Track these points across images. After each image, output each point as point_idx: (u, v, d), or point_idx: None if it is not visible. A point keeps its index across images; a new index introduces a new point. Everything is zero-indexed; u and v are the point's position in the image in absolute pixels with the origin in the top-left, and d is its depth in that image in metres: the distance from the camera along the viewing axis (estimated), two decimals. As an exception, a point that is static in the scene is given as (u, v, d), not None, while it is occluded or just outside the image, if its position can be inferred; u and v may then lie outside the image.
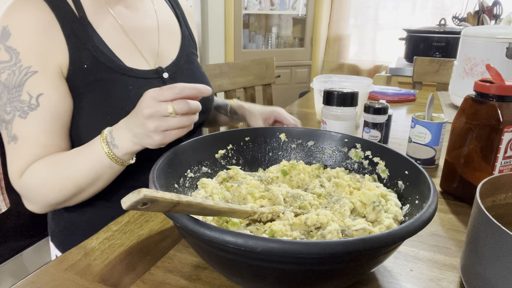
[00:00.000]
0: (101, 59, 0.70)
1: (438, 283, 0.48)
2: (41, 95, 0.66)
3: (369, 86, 1.13)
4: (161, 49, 0.82)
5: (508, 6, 2.33)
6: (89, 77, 0.70)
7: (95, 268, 0.50)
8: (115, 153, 0.62)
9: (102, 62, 0.70)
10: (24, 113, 0.65)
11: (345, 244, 0.35)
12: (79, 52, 0.69)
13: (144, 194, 0.33)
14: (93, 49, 0.70)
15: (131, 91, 0.72)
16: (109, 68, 0.71)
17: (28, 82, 0.65)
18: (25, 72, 0.65)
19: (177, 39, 0.87)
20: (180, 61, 0.84)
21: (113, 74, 0.71)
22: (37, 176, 0.66)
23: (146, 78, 0.76)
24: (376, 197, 0.52)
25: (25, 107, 0.65)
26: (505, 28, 1.20)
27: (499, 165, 0.64)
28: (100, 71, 0.70)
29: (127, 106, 0.70)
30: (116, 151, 0.62)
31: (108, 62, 0.71)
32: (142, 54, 0.78)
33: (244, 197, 0.54)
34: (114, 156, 0.62)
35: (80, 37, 0.69)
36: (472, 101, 0.66)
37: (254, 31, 3.45)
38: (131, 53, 0.76)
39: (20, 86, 0.65)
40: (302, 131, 0.67)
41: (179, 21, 0.89)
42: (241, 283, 0.45)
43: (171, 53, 0.84)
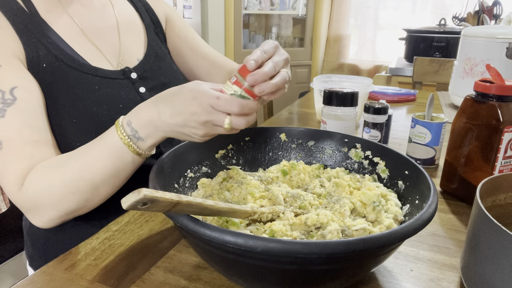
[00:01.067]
0: (60, 57, 0.65)
1: (438, 283, 0.48)
2: (16, 88, 0.59)
3: (369, 86, 1.13)
4: (123, 47, 0.76)
5: (508, 6, 2.33)
6: (48, 78, 0.64)
7: (95, 268, 0.50)
8: (140, 146, 0.55)
9: (61, 60, 0.65)
10: (0, 111, 0.57)
11: (345, 244, 0.35)
12: (36, 50, 0.63)
13: (144, 194, 0.33)
14: (50, 46, 0.64)
15: (96, 91, 0.67)
16: (70, 66, 0.65)
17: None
18: None
19: (141, 35, 0.80)
20: (149, 60, 0.78)
21: (76, 72, 0.66)
22: (41, 182, 0.57)
23: (112, 78, 0.70)
24: (376, 197, 0.52)
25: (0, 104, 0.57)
26: (505, 28, 1.20)
27: (499, 165, 0.64)
28: (60, 70, 0.64)
29: (94, 107, 0.66)
30: (141, 144, 0.55)
31: (69, 61, 0.66)
32: (103, 55, 0.72)
33: (244, 197, 0.54)
34: (139, 149, 0.55)
35: (35, 33, 0.64)
36: (472, 101, 0.66)
37: (254, 31, 3.45)
38: (92, 54, 0.70)
39: None
40: (302, 131, 0.67)
41: (140, 14, 0.83)
42: (241, 283, 0.45)
43: (136, 51, 0.78)
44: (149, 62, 0.78)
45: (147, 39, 0.80)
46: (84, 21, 0.72)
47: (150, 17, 0.84)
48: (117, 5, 0.79)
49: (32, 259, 0.77)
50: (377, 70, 3.09)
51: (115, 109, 0.68)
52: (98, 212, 0.68)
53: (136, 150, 0.55)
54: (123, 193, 0.34)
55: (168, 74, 0.80)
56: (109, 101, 0.68)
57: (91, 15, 0.74)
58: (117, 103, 0.69)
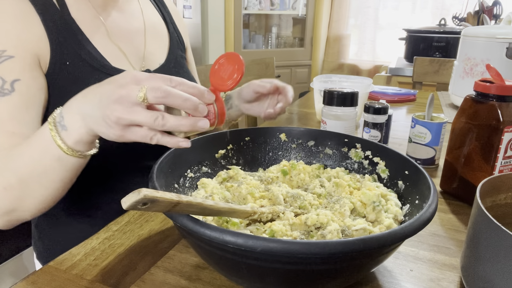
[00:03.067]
0: (83, 56, 0.66)
1: (438, 283, 0.48)
2: (17, 81, 0.58)
3: (369, 86, 1.13)
4: (148, 52, 0.78)
5: (508, 6, 2.33)
6: (71, 75, 0.64)
7: (95, 268, 0.50)
8: (63, 138, 0.48)
9: (85, 60, 0.66)
10: None
11: (345, 244, 0.35)
12: (61, 48, 0.64)
13: (144, 194, 0.33)
14: (75, 45, 0.65)
15: None
16: (91, 66, 0.67)
17: (1, 66, 0.58)
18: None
19: (165, 41, 0.83)
20: (169, 65, 0.80)
21: (97, 73, 0.67)
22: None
23: None
24: (376, 197, 0.52)
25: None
26: (505, 28, 1.20)
27: (499, 165, 0.64)
28: (83, 69, 0.65)
29: None
30: (64, 135, 0.48)
31: (92, 60, 0.67)
32: (126, 57, 0.74)
33: (244, 197, 0.54)
34: (62, 142, 0.48)
35: (62, 31, 0.65)
36: (472, 101, 0.66)
37: (254, 31, 3.45)
38: (115, 56, 0.72)
39: None
40: (302, 131, 0.67)
41: (166, 22, 0.86)
42: (241, 283, 0.45)
43: (158, 56, 0.80)
44: (169, 67, 0.80)
45: (169, 46, 0.83)
46: (113, 24, 0.73)
47: (174, 29, 0.88)
48: (146, 11, 0.82)
49: (39, 252, 0.78)
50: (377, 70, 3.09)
51: None
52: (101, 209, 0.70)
53: (60, 144, 0.49)
54: (123, 194, 0.34)
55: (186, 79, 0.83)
56: None
57: (120, 18, 0.75)
58: None
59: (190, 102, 0.44)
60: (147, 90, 0.43)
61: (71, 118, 0.48)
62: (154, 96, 0.43)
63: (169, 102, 0.43)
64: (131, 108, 0.43)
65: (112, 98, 0.43)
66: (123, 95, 0.43)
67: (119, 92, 0.43)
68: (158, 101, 0.43)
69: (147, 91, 0.42)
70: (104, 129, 0.45)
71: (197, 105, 0.44)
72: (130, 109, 0.43)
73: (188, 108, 0.44)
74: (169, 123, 0.43)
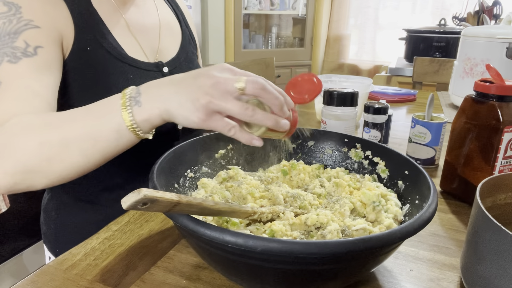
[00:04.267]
0: (103, 44, 0.70)
1: (438, 283, 0.48)
2: (40, 48, 0.59)
3: (369, 86, 1.13)
4: (162, 45, 0.83)
5: (508, 6, 2.33)
6: (90, 61, 0.68)
7: (95, 268, 0.50)
8: (134, 112, 0.48)
9: (104, 47, 0.70)
10: (15, 58, 0.57)
11: (345, 244, 0.35)
12: (84, 34, 0.68)
13: (144, 194, 0.33)
14: (97, 33, 0.69)
15: (131, 80, 0.72)
16: (110, 54, 0.70)
17: (26, 32, 0.59)
18: (24, 23, 0.59)
19: (178, 37, 0.88)
20: (180, 58, 0.85)
21: (114, 61, 0.71)
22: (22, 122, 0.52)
23: (146, 69, 0.76)
24: (376, 197, 0.52)
25: (18, 52, 0.57)
26: (505, 28, 1.20)
27: (499, 165, 0.64)
28: (102, 56, 0.69)
29: None
30: (136, 110, 0.48)
31: (110, 48, 0.71)
32: (142, 49, 0.78)
33: (244, 197, 0.54)
34: (132, 115, 0.48)
35: (87, 19, 0.69)
36: (472, 101, 0.66)
37: (254, 31, 3.45)
38: (132, 46, 0.76)
39: (16, 34, 0.58)
40: (301, 131, 0.67)
41: (179, 20, 0.91)
42: (241, 283, 0.45)
43: (171, 50, 0.85)
44: (179, 60, 0.85)
45: (181, 42, 0.88)
46: (131, 17, 0.78)
47: (187, 27, 0.92)
48: (160, 9, 0.87)
49: (46, 237, 0.81)
50: (377, 70, 3.09)
51: None
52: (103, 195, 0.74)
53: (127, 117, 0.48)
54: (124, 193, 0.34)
55: None
56: None
57: (138, 13, 0.80)
58: None
59: (280, 100, 0.46)
60: (247, 81, 0.45)
61: (148, 96, 0.48)
62: (253, 87, 0.45)
63: (264, 95, 0.46)
64: (224, 95, 0.45)
65: (208, 83, 0.45)
66: (221, 82, 0.45)
67: (217, 78, 0.45)
68: (255, 92, 0.45)
69: (246, 82, 0.45)
70: (188, 112, 0.46)
71: (283, 104, 0.47)
72: (224, 96, 0.45)
73: (276, 105, 0.46)
74: (257, 115, 0.45)
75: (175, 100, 0.47)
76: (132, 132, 0.49)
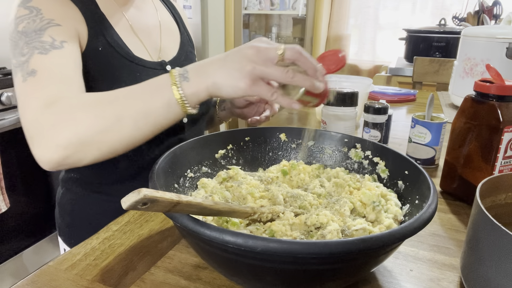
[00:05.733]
0: (112, 44, 0.73)
1: (438, 283, 0.48)
2: (66, 42, 0.64)
3: (369, 86, 1.13)
4: (163, 45, 0.86)
5: (508, 6, 2.33)
6: (101, 60, 0.72)
7: (95, 268, 0.50)
8: (183, 87, 0.54)
9: (113, 47, 0.73)
10: (45, 50, 0.61)
11: (344, 244, 0.35)
12: (96, 34, 0.71)
13: (144, 194, 0.33)
14: (106, 34, 0.73)
15: (138, 78, 0.75)
16: (119, 54, 0.74)
17: (50, 29, 0.63)
18: (47, 21, 0.63)
19: (177, 38, 0.91)
20: (181, 58, 0.88)
21: (123, 60, 0.74)
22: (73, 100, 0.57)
23: (151, 68, 0.79)
24: (376, 197, 0.52)
25: (47, 45, 0.61)
26: (505, 28, 1.20)
27: (499, 165, 0.64)
28: (111, 56, 0.73)
29: None
30: (185, 85, 0.54)
31: (118, 48, 0.74)
32: (146, 49, 0.81)
33: (244, 197, 0.54)
34: (181, 89, 0.53)
35: (97, 21, 0.72)
36: (472, 101, 0.66)
37: (254, 31, 3.45)
38: (136, 46, 0.79)
39: (41, 31, 0.62)
40: (302, 131, 0.67)
41: (176, 22, 0.94)
42: (241, 283, 0.45)
43: (172, 50, 0.88)
44: (180, 59, 0.88)
45: (180, 43, 0.91)
46: (134, 19, 0.81)
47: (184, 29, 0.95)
48: (159, 10, 0.91)
49: (61, 229, 0.85)
50: (377, 70, 3.09)
51: None
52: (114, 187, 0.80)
53: (177, 91, 0.53)
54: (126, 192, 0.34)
55: None
56: None
57: (140, 15, 0.84)
58: None
59: (314, 64, 0.53)
60: (286, 48, 0.51)
61: (195, 73, 0.54)
62: (291, 53, 0.51)
63: (301, 59, 0.52)
64: (267, 61, 0.51)
65: (251, 52, 0.51)
66: (262, 50, 0.51)
67: (258, 48, 0.51)
68: (293, 56, 0.51)
69: (285, 48, 0.51)
70: (235, 80, 0.51)
71: (317, 69, 0.53)
72: (266, 62, 0.51)
73: (312, 68, 0.53)
74: (296, 76, 0.51)
75: (221, 72, 0.52)
76: (181, 106, 0.54)
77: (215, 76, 0.53)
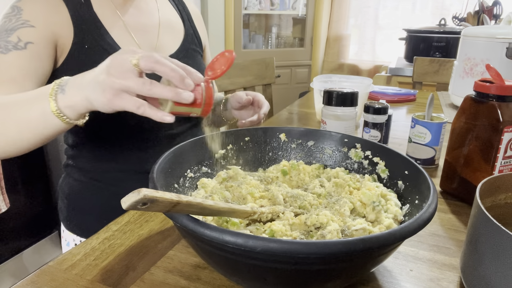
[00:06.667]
0: (102, 44, 0.74)
1: (438, 283, 0.48)
2: (31, 44, 0.66)
3: (369, 86, 1.13)
4: (160, 43, 0.86)
5: (508, 6, 2.33)
6: (88, 58, 0.72)
7: (95, 268, 0.50)
8: (58, 99, 0.53)
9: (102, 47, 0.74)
10: (5, 50, 0.65)
11: (344, 244, 0.35)
12: (83, 33, 0.73)
13: (144, 194, 0.33)
14: (96, 35, 0.74)
15: None
16: (107, 51, 0.74)
17: (21, 30, 0.66)
18: (21, 22, 0.67)
19: (179, 36, 0.91)
20: (178, 55, 0.87)
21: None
22: None
23: None
24: (376, 197, 0.52)
25: (10, 45, 0.65)
26: (505, 28, 1.20)
27: (499, 165, 0.64)
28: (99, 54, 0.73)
29: None
30: (60, 97, 0.53)
31: (109, 48, 0.75)
32: (139, 47, 0.81)
33: (244, 197, 0.54)
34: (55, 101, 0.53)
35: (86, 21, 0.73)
36: (472, 101, 0.66)
37: (254, 31, 3.45)
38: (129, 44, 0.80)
39: (12, 30, 0.66)
40: (302, 131, 0.67)
41: (183, 20, 0.94)
42: (241, 283, 0.45)
43: (170, 47, 0.88)
44: (177, 57, 0.87)
45: (183, 40, 0.91)
46: (130, 19, 0.82)
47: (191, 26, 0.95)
48: (162, 9, 0.91)
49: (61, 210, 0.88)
50: (377, 70, 3.09)
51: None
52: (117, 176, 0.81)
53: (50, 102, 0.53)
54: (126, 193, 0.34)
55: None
56: None
57: (139, 14, 0.84)
58: None
59: (177, 73, 0.48)
60: (140, 57, 0.48)
61: (72, 85, 0.53)
62: (146, 62, 0.48)
63: (158, 69, 0.48)
64: (124, 73, 0.48)
65: (110, 65, 0.49)
66: (120, 61, 0.49)
67: (116, 59, 0.49)
68: (148, 66, 0.48)
69: (140, 58, 0.48)
70: (98, 94, 0.49)
71: (183, 77, 0.49)
72: (123, 74, 0.48)
73: (174, 77, 0.48)
74: (155, 88, 0.48)
75: (90, 86, 0.51)
76: (58, 117, 0.54)
77: (86, 90, 0.51)
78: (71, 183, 0.86)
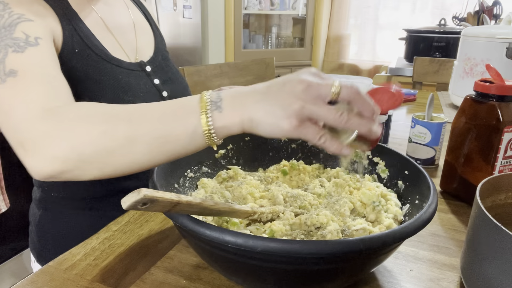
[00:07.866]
0: (90, 46, 0.70)
1: (438, 283, 0.48)
2: (40, 38, 0.58)
3: (369, 86, 1.13)
4: (139, 45, 0.83)
5: (508, 6, 2.33)
6: (80, 63, 0.68)
7: (95, 268, 0.50)
8: (214, 117, 0.44)
9: (91, 49, 0.70)
10: (20, 48, 0.55)
11: (344, 244, 0.35)
12: (71, 35, 0.68)
13: (144, 194, 0.33)
14: (82, 35, 0.70)
15: (121, 80, 0.73)
16: (98, 55, 0.71)
17: (22, 25, 0.58)
18: (17, 16, 0.58)
19: (150, 37, 0.89)
20: (157, 57, 0.86)
21: (102, 62, 0.71)
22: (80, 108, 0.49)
23: (131, 69, 0.76)
24: (376, 197, 0.52)
25: (21, 42, 0.56)
26: (505, 28, 1.20)
27: (499, 165, 0.64)
28: (90, 58, 0.70)
29: (120, 94, 0.71)
30: (216, 115, 0.44)
31: (97, 50, 0.71)
32: (123, 49, 0.78)
33: (244, 197, 0.54)
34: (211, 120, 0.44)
35: (71, 20, 0.69)
36: (472, 101, 0.66)
37: (254, 31, 3.45)
38: (113, 46, 0.76)
39: (11, 26, 0.57)
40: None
41: (148, 21, 0.91)
42: (241, 283, 0.45)
43: (148, 49, 0.86)
44: (158, 59, 0.85)
45: (155, 42, 0.89)
46: (108, 17, 0.78)
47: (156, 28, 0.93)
48: (131, 9, 0.87)
49: (39, 254, 0.79)
50: (377, 70, 3.09)
51: (138, 97, 0.75)
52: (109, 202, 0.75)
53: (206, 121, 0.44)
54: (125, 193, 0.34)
55: (173, 71, 0.89)
56: (132, 89, 0.74)
57: (113, 13, 0.80)
58: (138, 92, 0.76)
59: (371, 107, 0.44)
60: (342, 86, 0.42)
61: (231, 103, 0.44)
62: (348, 93, 0.42)
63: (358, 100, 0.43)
64: (317, 99, 0.42)
65: (300, 88, 0.42)
66: (314, 86, 0.42)
67: (308, 83, 0.42)
68: (350, 96, 0.43)
69: (341, 87, 0.42)
70: (278, 119, 0.42)
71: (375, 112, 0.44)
72: (316, 101, 0.42)
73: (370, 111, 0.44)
74: (352, 120, 0.42)
75: (262, 107, 0.43)
76: (206, 137, 0.45)
77: (254, 111, 0.43)
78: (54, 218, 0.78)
